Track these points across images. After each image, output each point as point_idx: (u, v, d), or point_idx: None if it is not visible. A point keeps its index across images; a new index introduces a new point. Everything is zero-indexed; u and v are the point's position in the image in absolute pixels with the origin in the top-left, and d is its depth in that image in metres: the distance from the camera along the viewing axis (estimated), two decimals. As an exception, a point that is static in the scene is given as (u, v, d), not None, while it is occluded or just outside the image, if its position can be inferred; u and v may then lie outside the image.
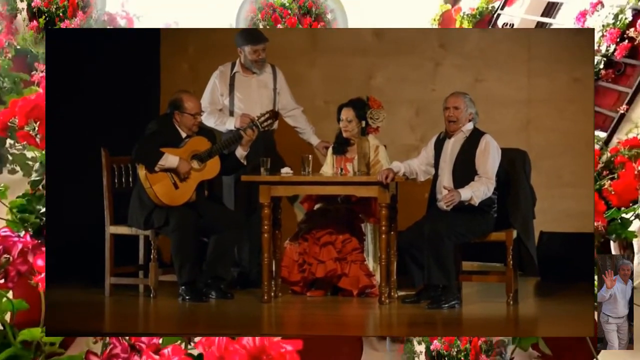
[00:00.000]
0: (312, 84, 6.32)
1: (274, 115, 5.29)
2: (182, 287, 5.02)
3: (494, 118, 5.85)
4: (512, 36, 6.36)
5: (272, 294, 5.07)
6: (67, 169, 5.50)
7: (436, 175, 5.03)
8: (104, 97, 5.87)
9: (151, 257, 5.11)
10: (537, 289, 5.52)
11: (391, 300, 5.02)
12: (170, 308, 4.93)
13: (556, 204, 5.92)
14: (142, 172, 5.04)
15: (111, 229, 5.19)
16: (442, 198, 4.86)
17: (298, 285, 5.23)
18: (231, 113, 5.50)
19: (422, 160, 5.09)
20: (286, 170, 5.15)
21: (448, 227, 4.82)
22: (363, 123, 5.28)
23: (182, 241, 4.99)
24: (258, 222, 5.09)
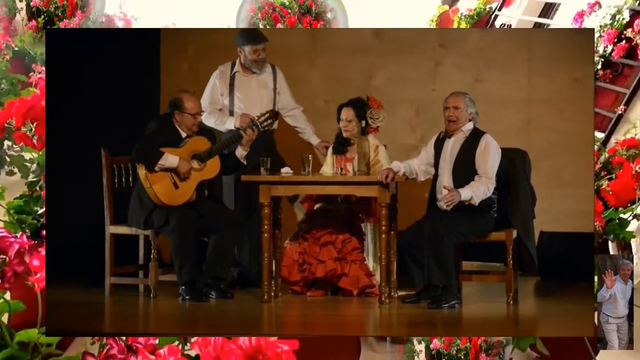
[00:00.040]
0: (312, 84, 6.31)
1: (274, 115, 5.29)
2: (182, 287, 5.02)
3: (494, 118, 5.84)
4: (512, 36, 6.35)
5: (272, 294, 5.07)
6: (67, 169, 5.49)
7: (436, 175, 5.03)
8: (104, 97, 5.87)
9: (151, 257, 5.12)
10: (537, 289, 5.52)
11: (391, 300, 5.01)
12: (170, 308, 4.93)
13: (556, 204, 5.92)
14: (142, 172, 5.04)
15: (111, 229, 5.20)
16: (442, 198, 4.86)
17: (298, 285, 5.23)
18: (231, 113, 5.50)
19: (422, 160, 5.09)
20: (286, 170, 5.14)
21: (448, 227, 4.82)
22: (363, 123, 5.27)
23: (182, 241, 4.99)
24: (258, 222, 5.09)
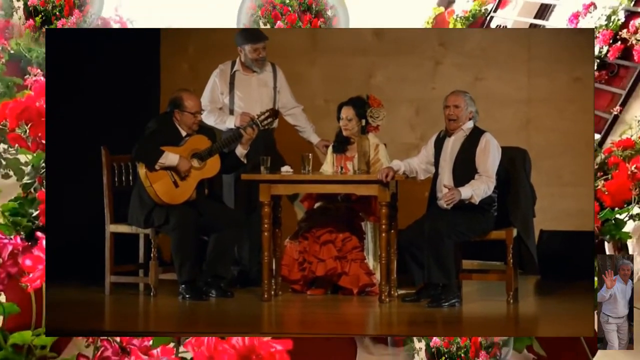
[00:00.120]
0: (312, 83, 6.31)
1: (274, 113, 5.29)
2: (182, 286, 5.02)
3: (494, 117, 5.84)
4: (512, 36, 6.36)
5: (272, 293, 5.07)
6: (67, 168, 5.49)
7: (436, 173, 5.03)
8: (104, 97, 5.87)
9: (151, 256, 5.12)
10: (537, 288, 5.52)
11: (391, 298, 5.01)
12: (170, 307, 4.93)
13: (556, 203, 5.92)
14: (142, 171, 5.04)
15: (111, 228, 5.20)
16: (443, 196, 4.86)
17: (298, 283, 5.23)
18: (231, 112, 5.50)
19: (422, 158, 5.09)
20: (286, 168, 5.14)
21: (448, 226, 4.82)
22: (363, 122, 5.27)
23: (182, 240, 4.99)
24: (258, 221, 5.09)
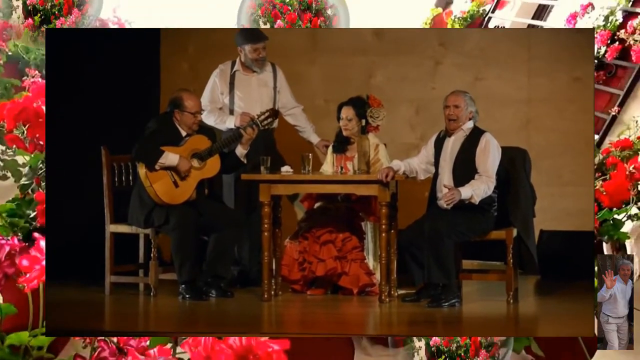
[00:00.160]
0: (312, 83, 6.31)
1: (274, 113, 5.29)
2: (182, 286, 5.02)
3: (494, 117, 5.84)
4: (512, 36, 6.35)
5: (272, 293, 5.07)
6: (67, 168, 5.49)
7: (436, 173, 5.03)
8: (104, 97, 5.87)
9: (151, 256, 5.12)
10: (537, 288, 5.52)
11: (391, 298, 5.01)
12: (170, 307, 4.93)
13: (556, 203, 5.91)
14: (142, 171, 5.04)
15: (111, 228, 5.20)
16: (443, 196, 4.86)
17: (298, 283, 5.23)
18: (231, 111, 5.50)
19: (422, 158, 5.09)
20: (286, 168, 5.14)
21: (448, 226, 4.82)
22: (363, 122, 5.27)
23: (182, 240, 4.99)
24: (258, 221, 5.09)
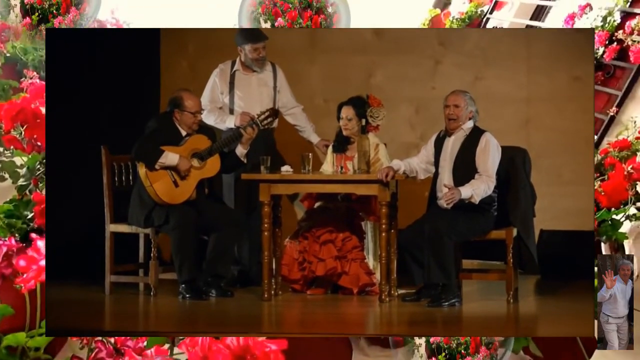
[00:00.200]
0: (312, 83, 6.31)
1: (274, 113, 5.29)
2: (182, 286, 5.02)
3: (494, 116, 5.83)
4: (512, 35, 6.35)
5: (272, 292, 5.07)
6: (67, 168, 5.49)
7: (436, 173, 5.03)
8: (104, 96, 5.87)
9: (151, 255, 5.12)
10: (538, 287, 5.52)
11: (391, 298, 5.01)
12: (170, 306, 4.93)
13: (556, 202, 5.91)
14: (142, 170, 5.04)
15: (111, 227, 5.20)
16: (443, 196, 4.86)
17: (298, 283, 5.23)
18: (231, 111, 5.50)
19: (422, 158, 5.09)
20: (286, 168, 5.14)
21: (448, 226, 4.82)
22: (363, 121, 5.27)
23: (182, 239, 4.99)
24: (258, 221, 5.09)
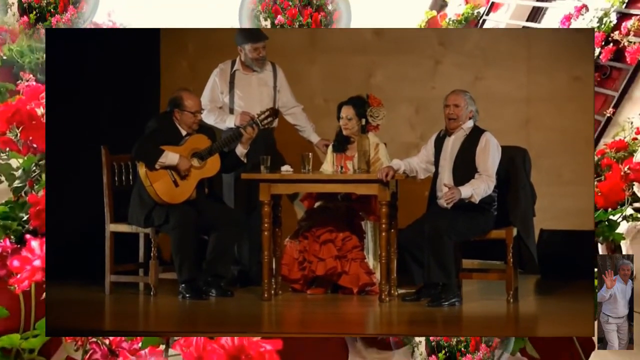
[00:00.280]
0: (312, 82, 6.31)
1: (274, 113, 5.29)
2: (182, 285, 5.02)
3: (494, 116, 5.83)
4: (512, 35, 6.35)
5: (272, 292, 5.07)
6: (67, 168, 5.49)
7: (436, 173, 5.03)
8: (104, 96, 5.87)
9: (151, 255, 5.12)
10: (538, 287, 5.52)
11: (391, 298, 5.01)
12: (170, 306, 4.93)
13: (556, 202, 5.90)
14: (142, 170, 5.04)
15: (111, 227, 5.20)
16: (443, 196, 4.86)
17: (298, 283, 5.23)
18: (231, 111, 5.50)
19: (422, 158, 5.09)
20: (286, 168, 5.14)
21: (448, 225, 4.82)
22: (363, 121, 5.27)
23: (182, 239, 4.99)
24: (258, 220, 5.09)
